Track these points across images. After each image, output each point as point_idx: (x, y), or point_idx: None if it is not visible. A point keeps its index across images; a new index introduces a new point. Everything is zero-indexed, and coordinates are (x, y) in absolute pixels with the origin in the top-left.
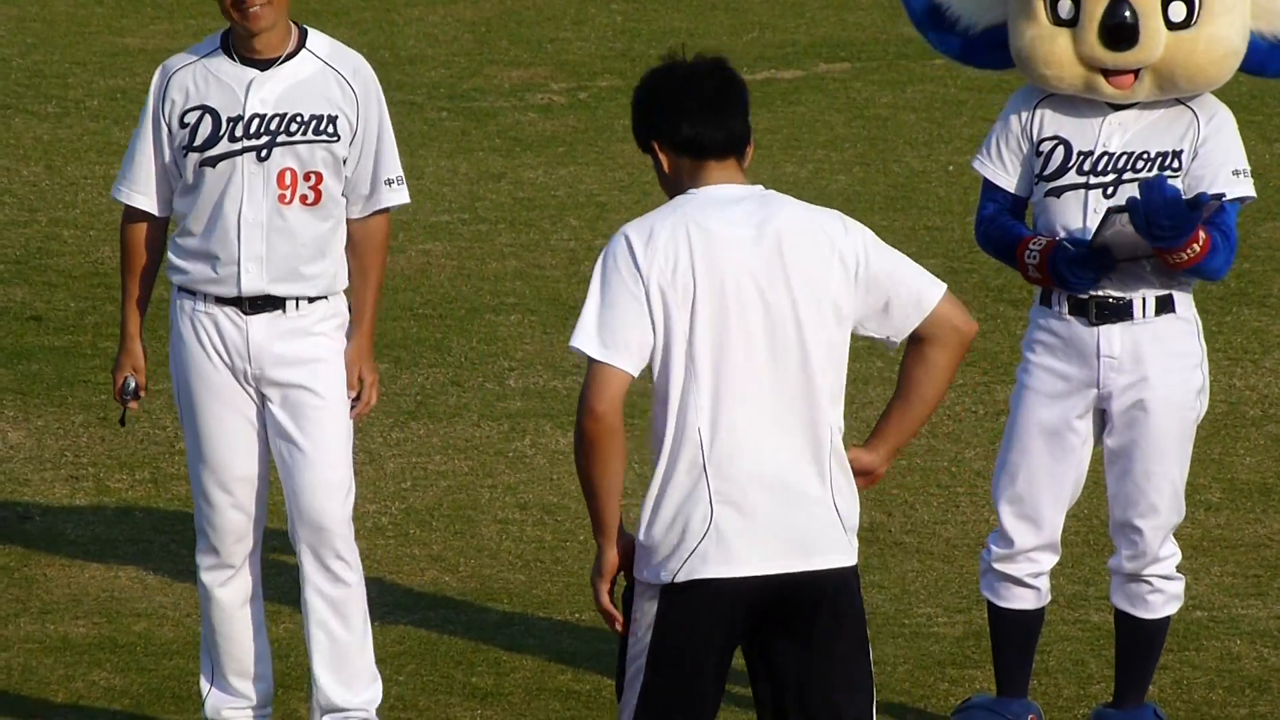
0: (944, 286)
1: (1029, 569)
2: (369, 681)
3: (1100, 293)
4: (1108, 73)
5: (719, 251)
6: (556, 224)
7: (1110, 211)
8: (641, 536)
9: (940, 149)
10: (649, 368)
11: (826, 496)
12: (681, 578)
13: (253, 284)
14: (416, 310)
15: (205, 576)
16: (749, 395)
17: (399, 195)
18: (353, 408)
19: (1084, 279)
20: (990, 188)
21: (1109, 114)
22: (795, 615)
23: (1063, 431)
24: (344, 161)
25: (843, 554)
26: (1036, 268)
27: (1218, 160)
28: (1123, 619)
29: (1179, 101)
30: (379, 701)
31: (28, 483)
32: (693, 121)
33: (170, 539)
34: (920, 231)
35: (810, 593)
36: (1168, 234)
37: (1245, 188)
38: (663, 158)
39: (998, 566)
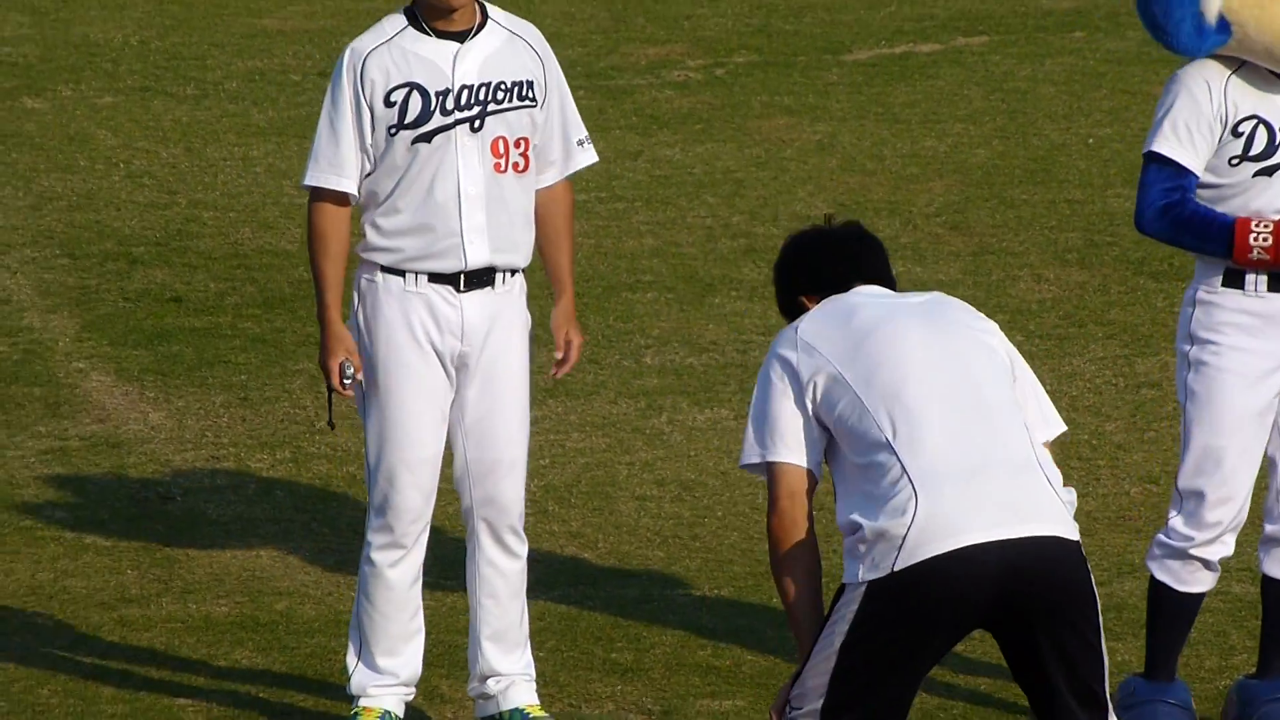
0: (1063, 428)
1: (1221, 552)
2: (525, 648)
3: None
4: None
5: (869, 307)
6: (693, 201)
7: None
8: (848, 542)
9: (1080, 121)
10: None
11: (1038, 474)
12: (900, 565)
13: (478, 256)
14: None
15: (376, 555)
16: (927, 398)
17: (590, 155)
18: (558, 367)
19: None
20: (1174, 170)
21: None
22: (1039, 594)
23: (1265, 412)
24: (538, 128)
25: (1068, 528)
26: (1267, 248)
27: None
28: (1275, 587)
29: None
30: (534, 666)
31: (169, 463)
32: (833, 265)
33: (311, 518)
34: (1060, 205)
35: (1046, 565)
36: None
37: None
38: (810, 305)
39: (1195, 551)
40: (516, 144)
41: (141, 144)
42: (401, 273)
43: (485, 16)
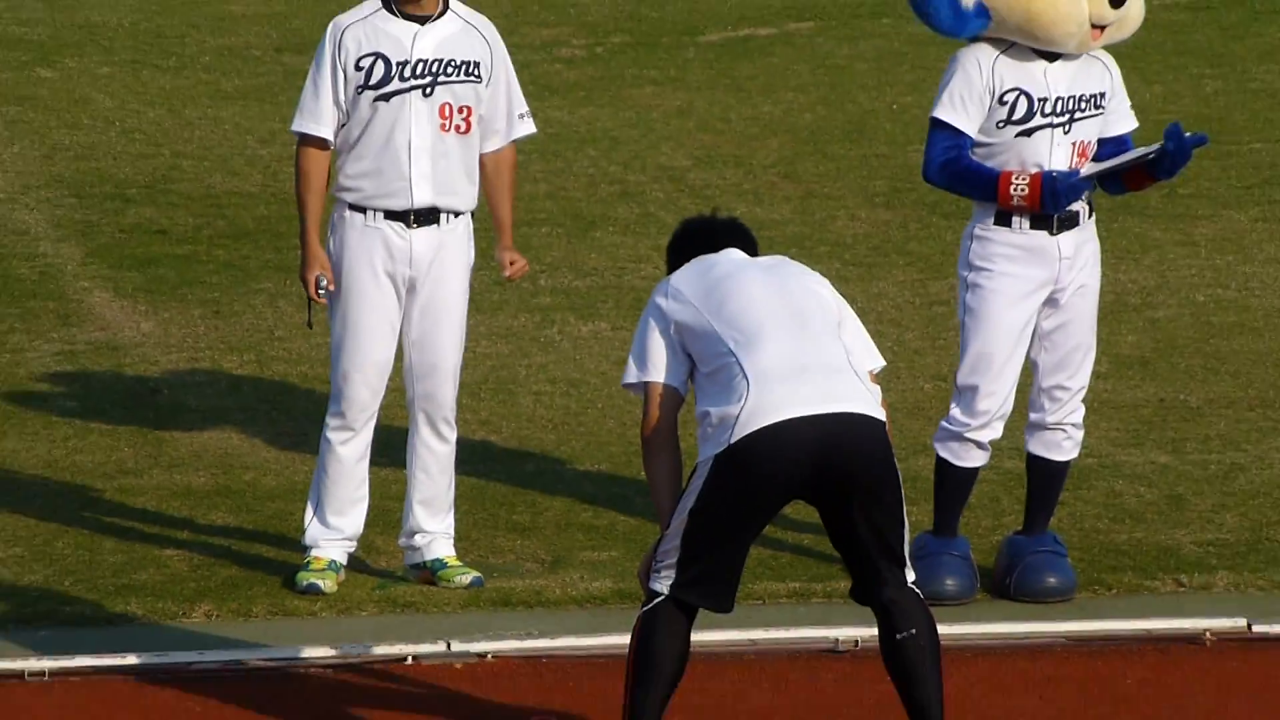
0: (883, 362)
1: (990, 435)
2: (449, 512)
3: None
4: (1095, 27)
5: (725, 264)
6: (578, 154)
7: (1146, 152)
8: (700, 430)
9: (887, 91)
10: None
11: (851, 374)
12: (735, 438)
13: (423, 197)
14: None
15: (331, 435)
16: (763, 323)
17: (529, 125)
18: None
19: (1074, 201)
20: (952, 133)
21: (1045, 65)
22: (849, 466)
23: (1026, 325)
24: (483, 100)
25: (875, 410)
26: (1025, 197)
27: (1122, 98)
28: (1037, 462)
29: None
30: (454, 527)
31: (156, 363)
32: (710, 241)
33: (272, 408)
34: (871, 159)
35: (856, 435)
36: (1177, 173)
37: (1134, 119)
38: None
39: (969, 435)
40: (460, 110)
41: (133, 106)
42: (363, 210)
43: (446, 7)
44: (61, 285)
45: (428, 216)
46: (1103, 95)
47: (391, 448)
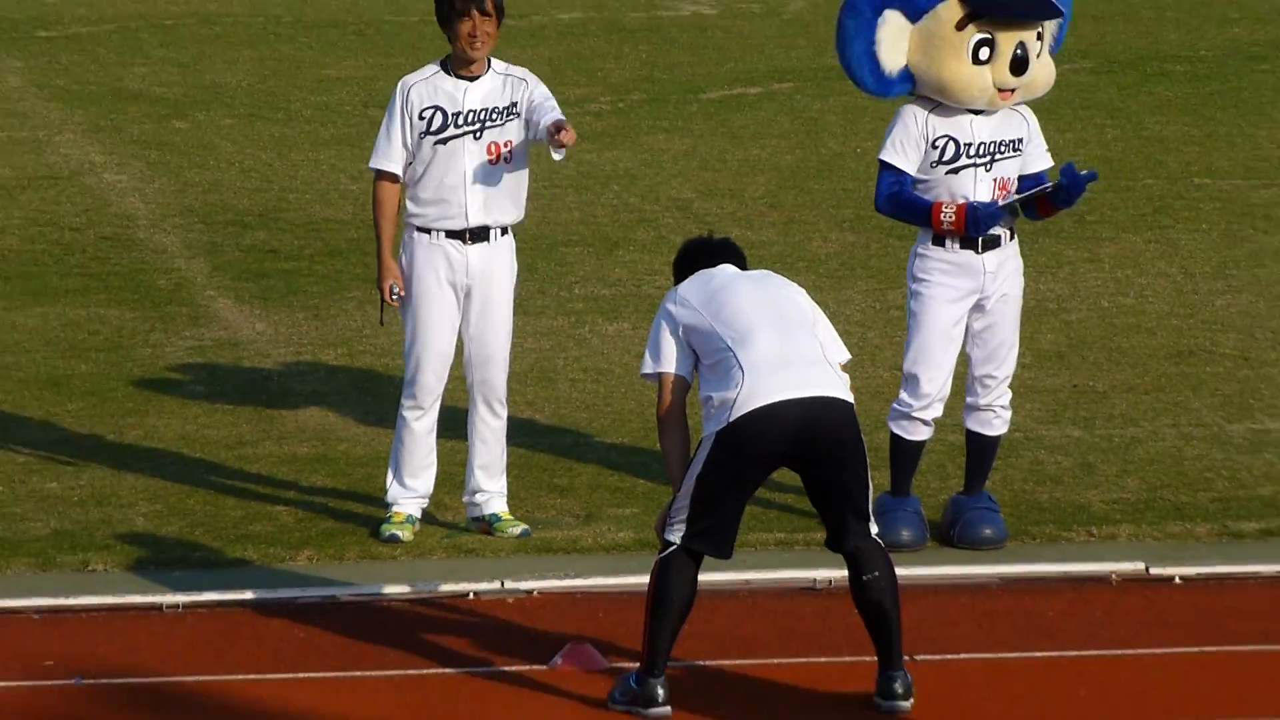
0: (849, 356)
1: (932, 414)
2: (503, 475)
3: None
4: (1002, 90)
5: (721, 276)
6: (604, 188)
7: (1043, 187)
8: (704, 411)
9: (852, 138)
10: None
11: (826, 366)
12: (733, 417)
13: (476, 217)
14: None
15: (405, 413)
16: (753, 324)
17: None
18: (563, 137)
19: (993, 226)
20: (895, 171)
21: (971, 117)
22: (825, 440)
23: (958, 324)
24: (527, 123)
25: (846, 395)
26: (953, 223)
27: (1038, 142)
28: (973, 437)
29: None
30: (506, 487)
31: (269, 356)
32: (708, 258)
33: (360, 392)
34: (839, 192)
35: (830, 415)
36: (1075, 202)
37: (1049, 159)
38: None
39: (915, 414)
40: (504, 145)
41: (249, 150)
42: (428, 230)
43: (489, 66)
44: (192, 294)
45: (480, 234)
46: (1020, 140)
47: (455, 424)
